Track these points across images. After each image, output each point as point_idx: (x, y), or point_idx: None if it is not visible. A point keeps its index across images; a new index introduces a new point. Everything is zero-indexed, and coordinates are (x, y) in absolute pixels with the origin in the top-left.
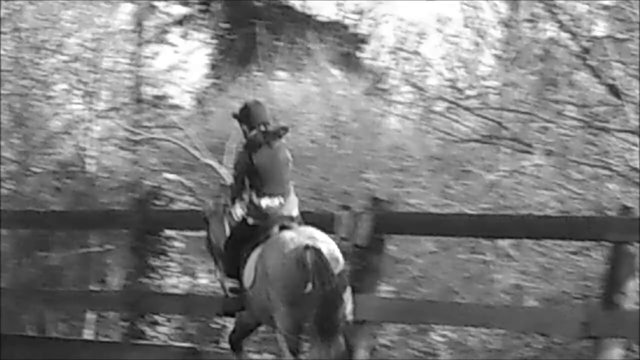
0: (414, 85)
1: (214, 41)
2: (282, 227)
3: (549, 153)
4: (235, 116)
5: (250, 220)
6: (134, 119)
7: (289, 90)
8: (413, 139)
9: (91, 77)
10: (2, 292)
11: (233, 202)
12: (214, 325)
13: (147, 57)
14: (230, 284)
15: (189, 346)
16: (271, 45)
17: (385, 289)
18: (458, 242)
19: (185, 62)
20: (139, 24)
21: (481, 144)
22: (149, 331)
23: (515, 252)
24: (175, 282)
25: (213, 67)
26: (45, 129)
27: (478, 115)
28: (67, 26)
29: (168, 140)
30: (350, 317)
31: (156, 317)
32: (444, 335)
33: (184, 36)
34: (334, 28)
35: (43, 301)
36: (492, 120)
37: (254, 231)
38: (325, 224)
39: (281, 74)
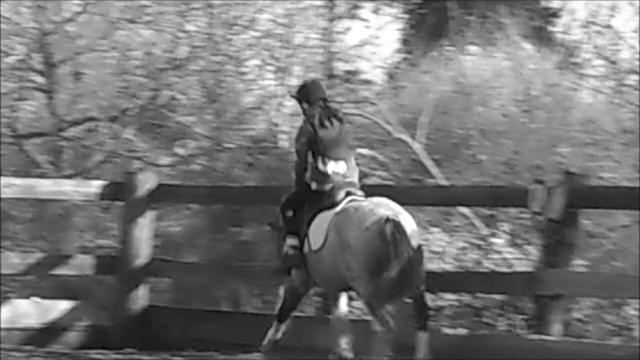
0: (606, 58)
1: (405, 16)
2: (348, 193)
3: None
4: (293, 96)
5: (313, 185)
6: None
7: (481, 64)
8: (605, 112)
9: (283, 52)
10: (196, 267)
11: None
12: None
13: (338, 33)
14: (291, 240)
15: None
16: (463, 20)
17: (579, 263)
18: None
19: (376, 37)
20: None
21: None
22: None
23: None
24: None
25: (404, 42)
26: (238, 104)
27: None
28: (259, 2)
29: (360, 115)
30: (423, 287)
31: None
32: (638, 309)
33: (375, 11)
34: (526, 2)
35: (237, 276)
36: None
37: (316, 195)
38: (518, 198)
39: (473, 49)
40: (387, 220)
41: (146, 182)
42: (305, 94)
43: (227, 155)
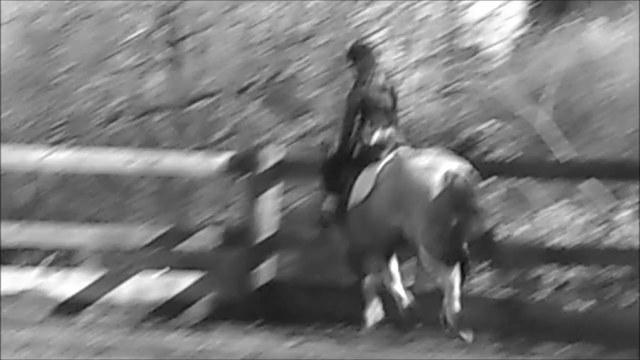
0: None
1: None
2: (396, 145)
3: None
4: (347, 57)
5: (356, 152)
6: (450, 69)
7: (605, 38)
8: None
9: (407, 27)
10: (321, 241)
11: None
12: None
13: (463, 7)
14: (330, 199)
15: (503, 299)
16: None
17: None
18: None
19: (500, 11)
20: None
21: None
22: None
23: None
24: None
25: (529, 15)
26: None
27: None
28: None
29: (484, 89)
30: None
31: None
32: None
33: None
34: None
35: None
36: None
37: (360, 156)
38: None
39: (597, 22)
40: (450, 172)
41: (271, 156)
42: (358, 54)
43: None
